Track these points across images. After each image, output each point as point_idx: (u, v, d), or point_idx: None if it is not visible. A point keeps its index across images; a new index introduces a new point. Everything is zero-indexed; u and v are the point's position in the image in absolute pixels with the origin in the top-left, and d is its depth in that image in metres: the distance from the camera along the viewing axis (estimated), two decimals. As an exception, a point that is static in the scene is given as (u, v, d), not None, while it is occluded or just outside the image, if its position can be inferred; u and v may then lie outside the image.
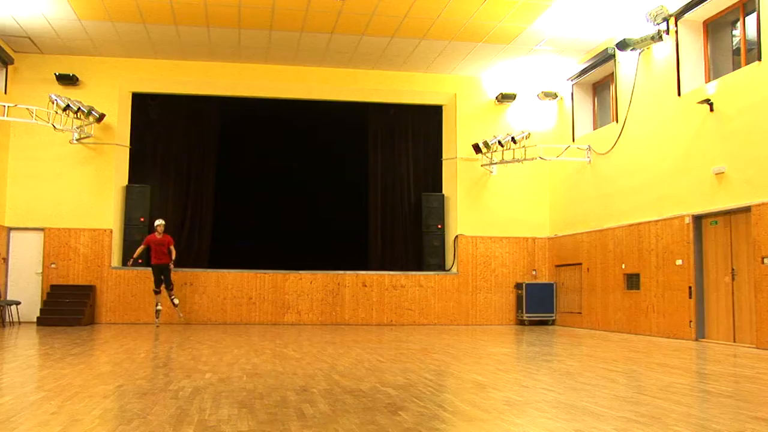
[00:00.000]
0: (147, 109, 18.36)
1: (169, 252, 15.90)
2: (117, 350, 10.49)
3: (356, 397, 6.12)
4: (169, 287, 16.12)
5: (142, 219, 17.51)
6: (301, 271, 17.77)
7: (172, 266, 16.04)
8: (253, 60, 17.92)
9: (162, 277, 15.95)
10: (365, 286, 17.92)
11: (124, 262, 17.35)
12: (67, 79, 17.10)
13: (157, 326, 15.86)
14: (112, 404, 5.85)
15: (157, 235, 15.86)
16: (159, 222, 16.03)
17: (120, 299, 17.06)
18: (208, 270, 17.54)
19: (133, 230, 17.47)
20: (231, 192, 18.53)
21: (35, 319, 16.19)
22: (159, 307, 16.07)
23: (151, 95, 18.34)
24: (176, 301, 16.26)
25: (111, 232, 17.29)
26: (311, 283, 17.74)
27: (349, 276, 17.93)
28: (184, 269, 17.29)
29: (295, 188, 18.72)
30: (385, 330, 15.81)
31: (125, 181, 17.83)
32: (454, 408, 5.75)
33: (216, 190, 18.53)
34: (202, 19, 15.20)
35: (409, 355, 10.01)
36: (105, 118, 17.04)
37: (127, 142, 17.92)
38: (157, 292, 16.08)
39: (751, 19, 12.42)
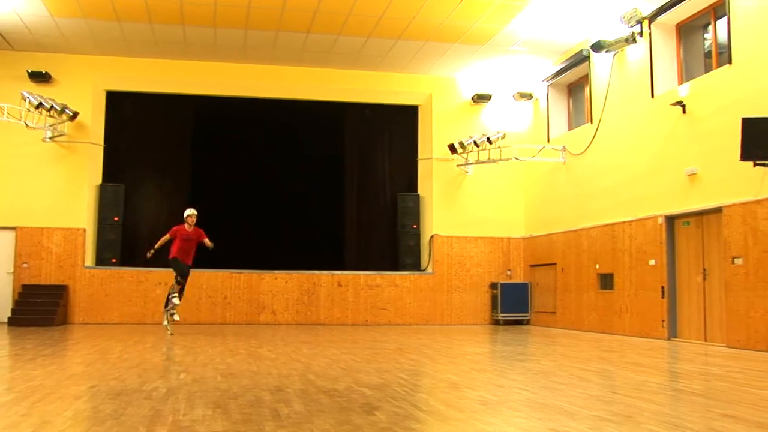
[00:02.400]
0: (121, 107, 18.19)
1: (203, 245, 13.40)
2: (90, 351, 10.39)
3: (331, 397, 6.12)
4: (181, 296, 13.72)
5: (116, 218, 17.36)
6: (276, 271, 17.71)
7: (208, 242, 13.43)
8: (229, 59, 17.83)
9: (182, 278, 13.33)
10: (341, 285, 17.91)
11: (98, 262, 17.22)
12: (40, 77, 16.90)
13: (171, 334, 13.30)
14: (84, 405, 5.80)
15: (187, 228, 13.33)
16: (190, 212, 13.40)
17: (93, 299, 16.90)
18: (183, 270, 17.40)
19: (107, 229, 17.33)
20: (206, 191, 18.38)
21: (6, 320, 15.96)
22: (176, 317, 13.54)
23: (126, 93, 18.19)
24: (177, 318, 13.69)
25: (84, 231, 17.12)
26: (286, 282, 17.70)
27: (324, 276, 17.90)
28: (158, 269, 17.15)
29: (271, 187, 18.64)
30: (361, 330, 15.81)
31: (99, 180, 17.66)
32: (429, 408, 5.76)
33: (191, 190, 18.39)
34: (177, 17, 15.10)
35: (385, 355, 10.02)
36: (78, 117, 16.87)
37: (101, 141, 17.76)
38: (180, 282, 13.38)
39: (722, 23, 12.58)
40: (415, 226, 18.69)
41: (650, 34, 13.92)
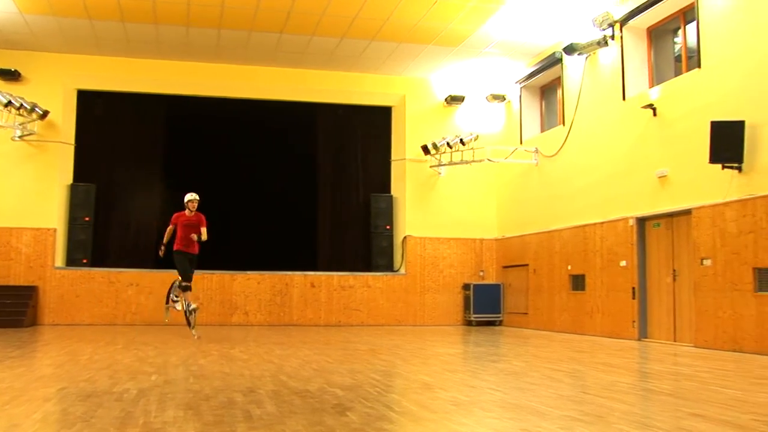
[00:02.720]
0: (93, 106, 18.00)
1: (199, 238, 12.57)
2: (59, 352, 10.28)
3: (303, 398, 6.11)
4: (189, 286, 12.89)
5: (86, 219, 17.19)
6: (248, 272, 17.64)
7: (203, 231, 12.55)
8: (202, 59, 17.72)
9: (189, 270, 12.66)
10: (313, 286, 17.87)
11: (68, 262, 17.02)
12: (9, 75, 16.68)
13: (166, 321, 14.25)
14: (53, 407, 5.74)
15: (188, 213, 12.76)
16: (190, 197, 12.74)
17: (63, 300, 16.70)
18: (154, 270, 17.26)
19: (78, 230, 17.14)
20: (178, 192, 18.14)
21: (-26, 321, 15.76)
22: (178, 306, 13.07)
23: (97, 92, 18.00)
24: (194, 306, 12.87)
25: (54, 231, 16.92)
26: (259, 283, 17.63)
27: (297, 276, 17.86)
28: (129, 270, 17.05)
29: (243, 188, 18.52)
30: (333, 331, 15.79)
31: (69, 180, 17.46)
32: (402, 408, 5.77)
33: (163, 190, 18.24)
34: (149, 16, 14.98)
35: (357, 356, 10.01)
36: (49, 115, 16.67)
37: (72, 140, 17.56)
38: (185, 288, 12.74)
39: (691, 28, 12.76)
40: (388, 227, 18.71)
41: (621, 37, 14.07)
